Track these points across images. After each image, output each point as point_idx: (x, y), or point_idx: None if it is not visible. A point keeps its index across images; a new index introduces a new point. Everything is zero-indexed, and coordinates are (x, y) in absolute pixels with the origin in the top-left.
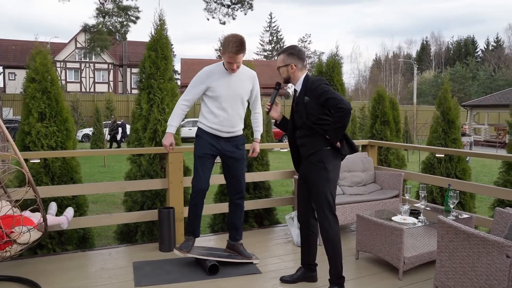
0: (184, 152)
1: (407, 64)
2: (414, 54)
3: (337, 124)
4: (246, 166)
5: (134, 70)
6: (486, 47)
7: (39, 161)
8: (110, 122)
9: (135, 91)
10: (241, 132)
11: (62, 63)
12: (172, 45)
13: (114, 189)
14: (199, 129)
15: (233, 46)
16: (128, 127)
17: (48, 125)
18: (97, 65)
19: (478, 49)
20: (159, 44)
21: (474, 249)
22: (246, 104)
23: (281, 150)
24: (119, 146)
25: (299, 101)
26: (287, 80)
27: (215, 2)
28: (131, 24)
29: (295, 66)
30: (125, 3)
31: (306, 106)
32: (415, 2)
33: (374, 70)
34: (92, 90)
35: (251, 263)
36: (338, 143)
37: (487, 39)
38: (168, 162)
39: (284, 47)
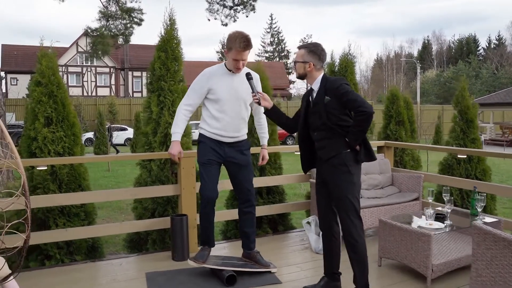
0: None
1: (409, 63)
2: (415, 53)
3: (357, 128)
4: (258, 170)
5: (136, 74)
6: (488, 45)
7: (46, 168)
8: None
9: (137, 95)
10: (245, 137)
11: (63, 68)
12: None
13: (125, 196)
14: (201, 135)
15: (240, 41)
16: (130, 131)
17: (55, 130)
18: (98, 69)
19: (480, 47)
20: (169, 45)
21: None
22: (250, 107)
23: (295, 153)
24: (117, 151)
25: (318, 101)
26: (302, 77)
27: (218, 3)
28: (135, 26)
29: (313, 65)
30: (128, 5)
31: (327, 106)
32: (415, 2)
33: (376, 70)
34: (94, 94)
35: (269, 272)
36: (358, 147)
37: (489, 37)
38: (180, 167)
39: (308, 42)
